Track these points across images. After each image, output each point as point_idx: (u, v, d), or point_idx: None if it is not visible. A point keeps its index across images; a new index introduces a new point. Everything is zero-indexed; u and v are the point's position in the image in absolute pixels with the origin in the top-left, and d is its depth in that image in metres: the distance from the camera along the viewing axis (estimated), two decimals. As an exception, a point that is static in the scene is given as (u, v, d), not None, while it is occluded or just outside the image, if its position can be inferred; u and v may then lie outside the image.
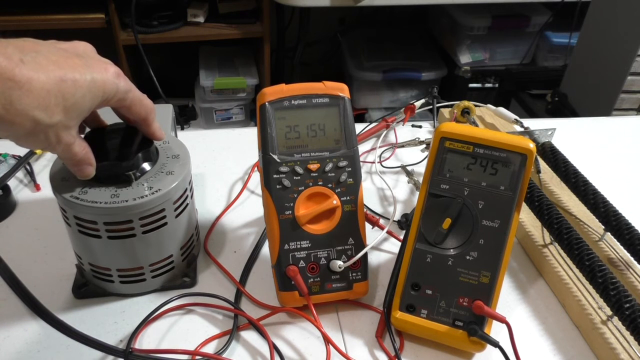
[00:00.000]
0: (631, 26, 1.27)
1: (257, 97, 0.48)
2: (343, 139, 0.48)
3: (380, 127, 0.75)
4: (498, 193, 0.44)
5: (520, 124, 0.65)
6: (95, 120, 0.46)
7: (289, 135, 0.47)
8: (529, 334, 0.48)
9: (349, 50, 1.90)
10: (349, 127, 0.48)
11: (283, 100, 0.47)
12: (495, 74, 1.80)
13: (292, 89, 0.48)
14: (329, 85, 0.49)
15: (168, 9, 1.61)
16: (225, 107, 1.76)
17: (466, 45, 1.78)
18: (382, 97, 1.83)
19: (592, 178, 0.57)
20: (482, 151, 0.44)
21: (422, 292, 0.45)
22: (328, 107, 0.48)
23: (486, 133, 0.45)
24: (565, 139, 0.69)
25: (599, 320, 0.46)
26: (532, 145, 0.43)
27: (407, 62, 1.82)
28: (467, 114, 0.70)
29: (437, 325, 0.44)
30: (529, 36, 1.78)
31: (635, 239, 0.49)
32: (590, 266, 0.46)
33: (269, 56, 1.67)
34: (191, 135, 0.77)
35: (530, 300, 0.51)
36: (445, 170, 0.45)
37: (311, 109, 0.48)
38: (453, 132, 0.45)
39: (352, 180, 0.48)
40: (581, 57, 1.47)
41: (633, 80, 1.30)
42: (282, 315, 0.48)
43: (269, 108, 0.47)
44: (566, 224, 0.50)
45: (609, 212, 0.52)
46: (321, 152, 0.48)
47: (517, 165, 0.43)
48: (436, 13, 1.95)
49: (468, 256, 0.44)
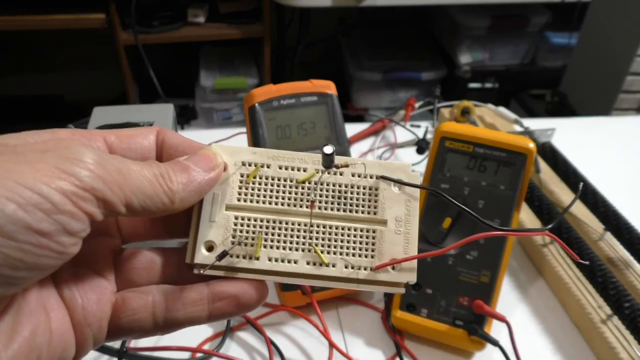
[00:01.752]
0: (631, 26, 1.27)
1: (245, 98, 0.48)
2: (334, 136, 0.49)
3: (378, 127, 0.75)
4: (498, 193, 0.44)
5: (520, 124, 0.65)
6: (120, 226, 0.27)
7: (280, 135, 0.47)
8: (529, 333, 0.48)
9: (349, 50, 1.90)
10: (339, 123, 0.49)
11: (272, 101, 0.47)
12: (495, 74, 1.80)
13: (280, 89, 0.48)
14: (316, 83, 0.49)
15: (168, 9, 1.61)
16: (226, 107, 1.76)
17: (466, 45, 1.78)
18: (382, 97, 1.83)
19: (592, 178, 0.57)
20: (482, 151, 0.44)
21: (422, 291, 0.45)
22: (317, 105, 0.49)
23: (486, 133, 0.45)
24: (565, 139, 0.69)
25: (598, 319, 0.46)
26: (532, 145, 0.43)
27: (407, 62, 1.82)
28: (467, 114, 0.70)
29: (437, 325, 0.44)
30: (529, 36, 1.78)
31: (634, 239, 0.49)
32: (589, 266, 0.46)
33: (269, 56, 1.67)
34: (191, 135, 0.77)
35: (530, 300, 0.52)
36: (446, 170, 0.45)
37: (300, 108, 0.48)
38: (453, 132, 0.45)
39: None
40: (581, 57, 1.47)
41: (633, 80, 1.30)
42: (283, 314, 0.49)
43: (258, 109, 0.47)
44: (566, 224, 0.50)
45: (609, 211, 0.52)
46: (313, 150, 0.48)
47: (517, 165, 0.44)
48: (436, 13, 1.95)
49: (468, 255, 0.44)
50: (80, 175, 0.20)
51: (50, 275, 0.22)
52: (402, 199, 0.26)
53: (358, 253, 0.26)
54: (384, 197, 0.26)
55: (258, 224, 0.26)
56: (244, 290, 0.25)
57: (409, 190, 0.26)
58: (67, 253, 0.21)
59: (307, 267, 0.25)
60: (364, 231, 0.26)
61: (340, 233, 0.26)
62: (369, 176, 0.27)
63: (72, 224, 0.20)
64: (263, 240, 0.26)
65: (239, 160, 0.27)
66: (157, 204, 0.23)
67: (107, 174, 0.21)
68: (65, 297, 0.23)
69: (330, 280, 0.26)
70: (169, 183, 0.23)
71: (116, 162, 0.22)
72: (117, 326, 0.24)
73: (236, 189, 0.26)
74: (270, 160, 0.27)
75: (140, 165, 0.23)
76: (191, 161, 0.25)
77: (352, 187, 0.27)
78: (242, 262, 0.25)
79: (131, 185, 0.22)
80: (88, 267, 0.25)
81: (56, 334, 0.22)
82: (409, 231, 0.26)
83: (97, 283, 0.24)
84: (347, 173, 0.27)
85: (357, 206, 0.26)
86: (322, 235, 0.26)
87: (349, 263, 0.26)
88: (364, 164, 0.27)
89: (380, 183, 0.27)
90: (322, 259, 0.25)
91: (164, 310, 0.24)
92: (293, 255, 0.26)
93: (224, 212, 0.26)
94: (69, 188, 0.20)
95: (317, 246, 0.26)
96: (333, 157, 0.26)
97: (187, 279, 0.25)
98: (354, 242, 0.26)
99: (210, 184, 0.25)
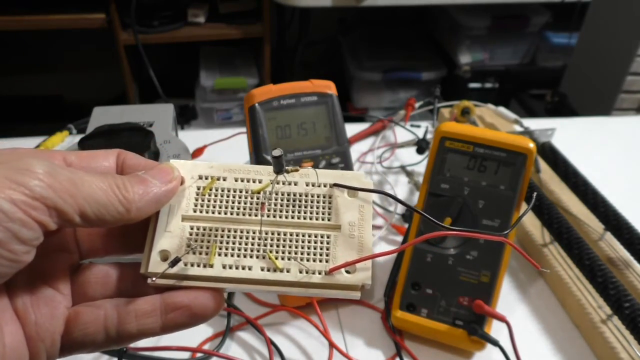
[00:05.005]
0: (631, 26, 1.27)
1: (245, 98, 0.48)
2: (333, 135, 0.49)
3: (378, 127, 0.75)
4: (498, 192, 0.44)
5: (520, 124, 0.65)
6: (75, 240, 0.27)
7: (280, 135, 0.48)
8: (529, 333, 0.48)
9: (349, 50, 1.90)
10: (339, 123, 0.49)
11: (272, 101, 0.47)
12: (495, 74, 1.80)
13: (280, 89, 0.48)
14: (316, 83, 0.49)
15: (168, 9, 1.61)
16: (226, 107, 1.76)
17: (466, 45, 1.78)
18: (382, 97, 1.83)
19: (592, 178, 0.57)
20: (482, 151, 0.44)
21: (422, 291, 0.45)
22: (317, 105, 0.49)
23: (486, 133, 0.45)
24: (565, 138, 0.69)
25: (598, 319, 0.46)
26: (532, 145, 0.43)
27: (407, 62, 1.82)
28: (467, 114, 0.70)
29: (437, 325, 0.44)
30: (529, 36, 1.78)
31: (634, 239, 0.49)
32: (589, 265, 0.46)
33: (269, 56, 1.67)
34: (191, 135, 0.77)
35: (530, 300, 0.52)
36: (446, 170, 0.45)
37: (300, 108, 0.48)
38: (453, 132, 0.45)
39: None
40: (581, 57, 1.47)
41: (633, 80, 1.30)
42: (283, 314, 0.49)
43: (258, 109, 0.47)
44: (566, 224, 0.50)
45: (609, 211, 0.52)
46: (313, 150, 0.48)
47: (517, 165, 0.44)
48: (436, 13, 1.95)
49: (468, 255, 0.44)
50: (30, 185, 0.21)
51: (5, 289, 0.23)
52: (355, 204, 0.27)
53: (312, 258, 0.26)
54: (338, 203, 0.27)
55: (213, 233, 0.26)
56: (197, 300, 0.25)
57: (362, 197, 0.27)
58: (20, 261, 0.21)
59: (261, 272, 0.26)
60: (318, 237, 0.26)
61: (295, 239, 0.26)
62: (322, 185, 0.27)
63: (24, 232, 0.21)
64: (217, 249, 0.26)
65: (196, 174, 0.27)
66: (112, 212, 0.23)
67: (57, 183, 0.21)
68: (19, 311, 0.23)
69: (285, 286, 0.26)
70: (124, 192, 0.23)
71: (68, 173, 0.22)
72: (70, 340, 0.24)
73: (192, 200, 0.27)
74: (226, 173, 0.27)
75: (94, 176, 0.23)
76: (149, 174, 0.25)
77: (307, 195, 0.27)
78: (196, 269, 0.25)
79: (84, 194, 0.22)
80: (44, 281, 0.25)
81: (9, 347, 0.22)
82: (362, 235, 0.26)
83: (51, 297, 0.25)
84: (301, 183, 0.27)
85: (311, 213, 0.27)
86: (277, 242, 0.26)
87: (303, 267, 0.26)
88: (316, 172, 0.27)
89: (334, 191, 0.27)
90: (276, 264, 0.26)
91: (116, 324, 0.24)
92: (247, 261, 0.26)
93: (179, 222, 0.26)
94: (19, 197, 0.20)
95: (271, 252, 0.26)
96: (282, 160, 0.26)
97: (142, 293, 0.25)
98: (309, 248, 0.26)
99: (167, 196, 0.25)
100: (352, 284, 0.26)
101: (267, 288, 0.26)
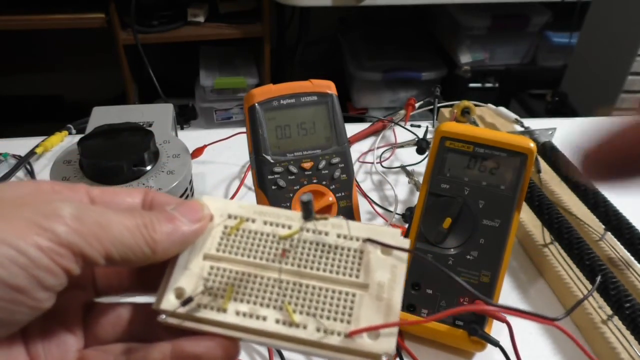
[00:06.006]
0: (631, 26, 1.27)
1: (244, 98, 0.48)
2: (333, 135, 0.49)
3: (378, 127, 0.75)
4: (498, 193, 0.44)
5: (521, 124, 0.65)
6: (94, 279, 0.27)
7: (280, 135, 0.47)
8: (529, 333, 0.48)
9: (349, 50, 1.90)
10: (339, 123, 0.49)
11: (272, 101, 0.47)
12: (495, 74, 1.80)
13: (280, 89, 0.48)
14: (316, 83, 0.49)
15: (168, 9, 1.61)
16: (225, 107, 1.76)
17: (466, 45, 1.78)
18: (382, 97, 1.83)
19: (593, 178, 0.57)
20: (483, 151, 0.44)
21: (422, 291, 0.45)
22: (317, 105, 0.48)
23: (486, 133, 0.45)
24: (565, 138, 0.69)
25: (599, 319, 0.46)
26: (533, 145, 0.43)
27: (407, 62, 1.82)
28: (467, 114, 0.70)
29: (437, 325, 0.44)
30: (529, 36, 1.78)
31: (635, 239, 0.49)
32: (590, 266, 0.46)
33: (269, 56, 1.67)
34: (191, 135, 0.77)
35: (531, 300, 0.51)
36: (446, 170, 0.45)
37: (300, 108, 0.48)
38: (453, 132, 0.45)
39: (346, 176, 0.48)
40: (581, 57, 1.47)
41: (633, 80, 1.30)
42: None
43: (258, 109, 0.47)
44: (566, 224, 0.50)
45: (609, 211, 0.52)
46: (313, 150, 0.48)
47: (517, 164, 0.43)
48: (436, 13, 1.95)
49: (468, 256, 0.44)
50: (57, 231, 0.20)
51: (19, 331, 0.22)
52: (388, 263, 0.25)
53: (333, 317, 0.24)
54: (370, 260, 0.25)
55: (232, 276, 0.25)
56: (209, 351, 0.23)
57: (396, 256, 0.25)
58: (41, 308, 0.21)
59: (275, 325, 0.24)
60: (342, 294, 0.24)
61: (317, 294, 0.24)
62: (355, 238, 0.26)
63: (48, 279, 0.20)
64: (234, 293, 0.24)
65: (226, 213, 0.26)
66: (138, 254, 0.22)
67: (84, 227, 0.21)
68: (31, 352, 0.23)
69: (299, 344, 0.24)
70: (152, 233, 0.23)
71: (95, 215, 0.22)
72: None
73: (217, 239, 0.26)
74: (256, 215, 0.26)
75: (122, 214, 0.22)
76: (178, 211, 0.24)
77: (337, 247, 0.25)
78: (208, 312, 0.24)
79: (110, 237, 0.21)
80: (58, 321, 0.24)
81: None
82: (391, 298, 0.24)
83: (63, 339, 0.24)
84: (333, 233, 0.26)
85: (338, 267, 0.25)
86: (297, 294, 0.24)
87: (322, 326, 0.24)
88: (348, 224, 0.26)
89: (367, 246, 0.25)
90: (293, 318, 0.24)
91: None
92: (262, 311, 0.24)
93: (200, 260, 0.25)
94: (46, 244, 0.20)
95: (289, 304, 0.24)
96: (310, 207, 0.25)
97: (154, 336, 0.24)
98: (330, 305, 0.24)
99: (195, 235, 0.25)
100: (373, 351, 0.23)
101: (279, 343, 0.24)
